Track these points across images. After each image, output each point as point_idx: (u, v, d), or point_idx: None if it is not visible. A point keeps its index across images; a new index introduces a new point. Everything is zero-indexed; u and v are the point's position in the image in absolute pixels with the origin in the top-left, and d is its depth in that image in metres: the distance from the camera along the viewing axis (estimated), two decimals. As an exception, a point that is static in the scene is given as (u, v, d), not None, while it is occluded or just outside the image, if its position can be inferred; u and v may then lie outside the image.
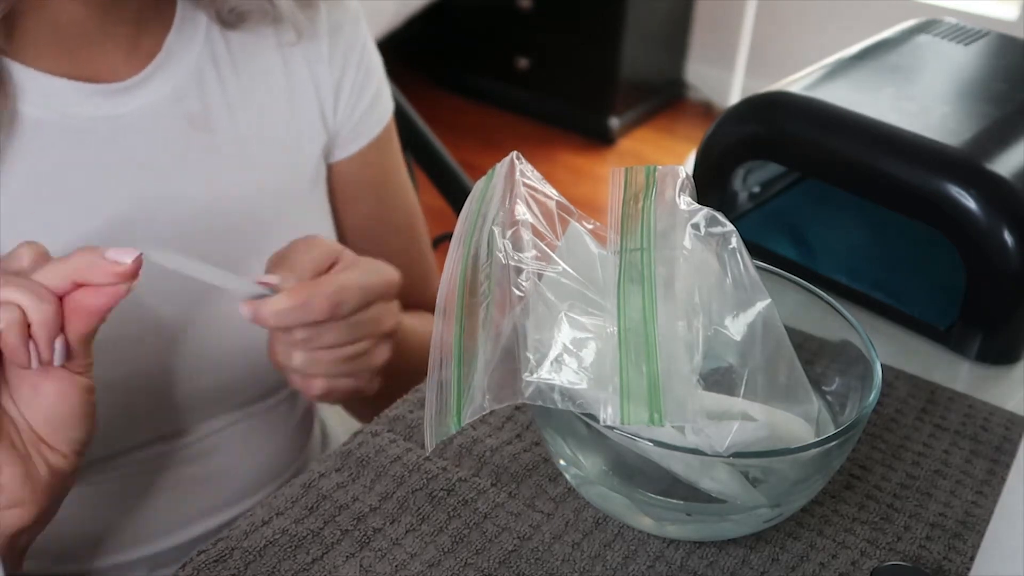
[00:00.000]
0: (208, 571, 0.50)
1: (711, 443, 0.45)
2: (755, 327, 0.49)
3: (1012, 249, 0.66)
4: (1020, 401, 0.67)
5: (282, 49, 0.71)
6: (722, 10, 2.99)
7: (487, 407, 0.44)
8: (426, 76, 3.12)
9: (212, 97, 0.67)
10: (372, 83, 0.77)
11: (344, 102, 0.75)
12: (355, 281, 0.60)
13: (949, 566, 0.53)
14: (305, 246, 0.61)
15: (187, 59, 0.67)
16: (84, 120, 0.62)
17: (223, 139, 0.68)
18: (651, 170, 0.51)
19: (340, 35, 0.74)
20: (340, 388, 0.63)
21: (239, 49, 0.69)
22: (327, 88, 0.73)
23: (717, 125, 0.79)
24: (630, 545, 0.53)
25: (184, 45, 0.67)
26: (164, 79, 0.66)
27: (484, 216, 0.49)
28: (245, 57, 0.69)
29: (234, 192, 0.68)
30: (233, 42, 0.69)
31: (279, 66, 0.71)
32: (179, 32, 0.67)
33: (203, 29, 0.68)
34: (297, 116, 0.72)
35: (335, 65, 0.74)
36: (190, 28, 0.67)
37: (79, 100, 0.62)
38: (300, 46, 0.72)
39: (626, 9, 2.73)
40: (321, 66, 0.73)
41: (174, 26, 0.67)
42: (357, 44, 0.75)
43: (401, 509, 0.54)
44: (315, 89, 0.73)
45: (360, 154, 0.77)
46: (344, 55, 0.74)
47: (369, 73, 0.76)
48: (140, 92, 0.65)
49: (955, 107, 0.77)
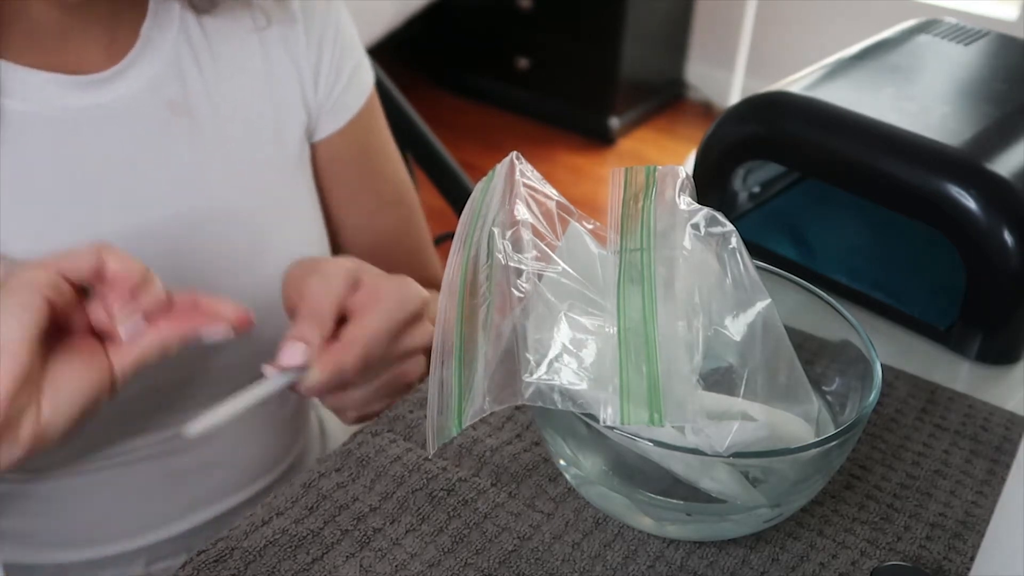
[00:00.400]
0: (208, 571, 0.50)
1: (711, 443, 0.45)
2: (755, 327, 0.49)
3: (1012, 249, 0.66)
4: (1020, 401, 0.67)
5: (259, 32, 0.72)
6: (722, 10, 2.99)
7: (487, 409, 0.44)
8: (426, 76, 3.12)
9: (191, 83, 0.68)
10: (349, 60, 0.77)
11: (324, 81, 0.75)
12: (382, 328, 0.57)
13: (949, 566, 0.53)
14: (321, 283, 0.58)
15: (164, 46, 0.68)
16: (66, 112, 0.63)
17: (204, 124, 0.68)
18: (651, 170, 0.51)
19: (313, 16, 0.75)
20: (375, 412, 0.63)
21: (215, 34, 0.70)
22: (307, 69, 0.74)
23: (717, 125, 0.79)
24: (630, 545, 0.53)
25: (160, 33, 0.68)
26: (142, 67, 0.66)
27: (484, 217, 0.49)
28: (221, 41, 0.70)
29: (218, 176, 0.69)
30: (209, 27, 0.70)
31: (256, 49, 0.72)
32: (154, 20, 0.67)
33: (177, 16, 0.69)
34: (277, 98, 0.73)
35: (311, 45, 0.74)
36: (164, 16, 0.68)
37: (60, 92, 0.63)
38: (277, 29, 0.72)
39: (626, 9, 2.73)
40: (299, 48, 0.74)
41: (148, 14, 0.67)
42: (331, 22, 0.76)
43: (401, 509, 0.54)
44: (295, 70, 0.74)
45: (343, 131, 0.77)
46: (320, 34, 0.75)
47: (345, 50, 0.77)
48: (119, 82, 0.65)
49: (955, 107, 0.77)
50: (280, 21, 0.72)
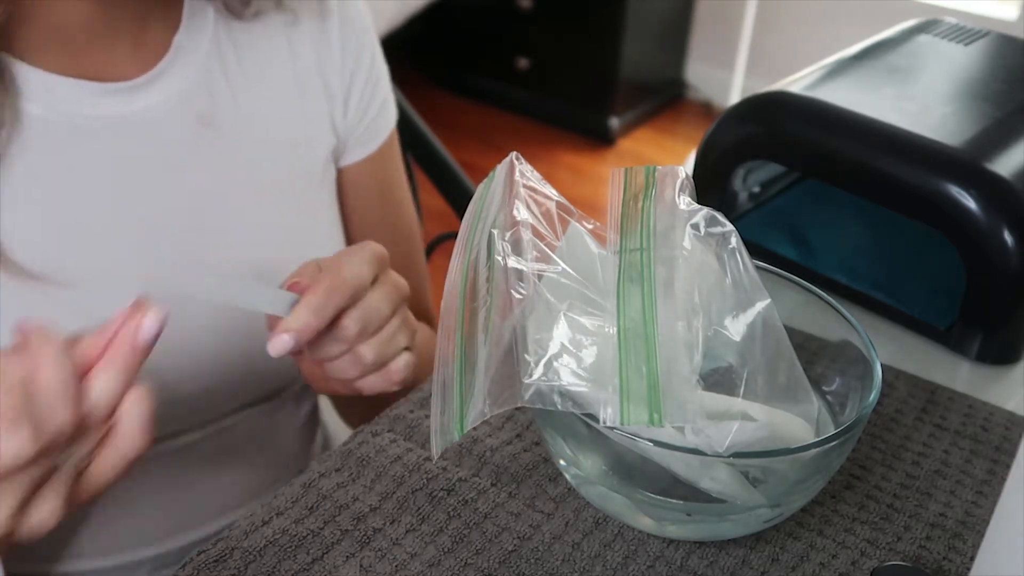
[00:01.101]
0: (208, 571, 0.50)
1: (711, 443, 0.45)
2: (755, 327, 0.49)
3: (1012, 249, 0.66)
4: (1020, 401, 0.67)
5: (292, 50, 0.71)
6: (722, 10, 2.99)
7: (488, 413, 0.44)
8: (426, 76, 3.12)
9: (220, 96, 0.67)
10: (380, 93, 0.78)
11: (354, 109, 0.75)
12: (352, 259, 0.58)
13: (949, 566, 0.53)
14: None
15: (196, 56, 0.66)
16: (90, 119, 0.62)
17: (230, 138, 0.68)
18: (651, 170, 0.51)
19: (349, 44, 0.74)
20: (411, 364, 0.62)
21: (246, 47, 0.69)
22: (338, 95, 0.74)
23: (717, 125, 0.79)
24: (630, 545, 0.53)
25: (193, 43, 0.66)
26: (173, 77, 0.65)
27: (484, 219, 0.49)
28: (252, 55, 0.69)
29: (242, 189, 0.68)
30: (241, 40, 0.69)
31: (288, 67, 0.71)
32: (188, 29, 0.66)
33: (211, 25, 0.67)
34: (306, 115, 0.72)
35: (345, 73, 0.74)
36: (199, 24, 0.67)
37: (85, 99, 0.62)
38: (311, 48, 0.72)
39: (626, 9, 2.73)
40: (332, 72, 0.73)
41: (183, 23, 0.66)
42: (366, 54, 0.76)
43: (401, 509, 0.54)
44: (325, 91, 0.73)
45: (367, 160, 0.78)
46: (355, 63, 0.75)
47: (378, 83, 0.77)
48: (148, 91, 0.64)
49: (955, 107, 0.77)
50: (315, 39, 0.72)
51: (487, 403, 0.44)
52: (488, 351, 0.45)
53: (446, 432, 0.46)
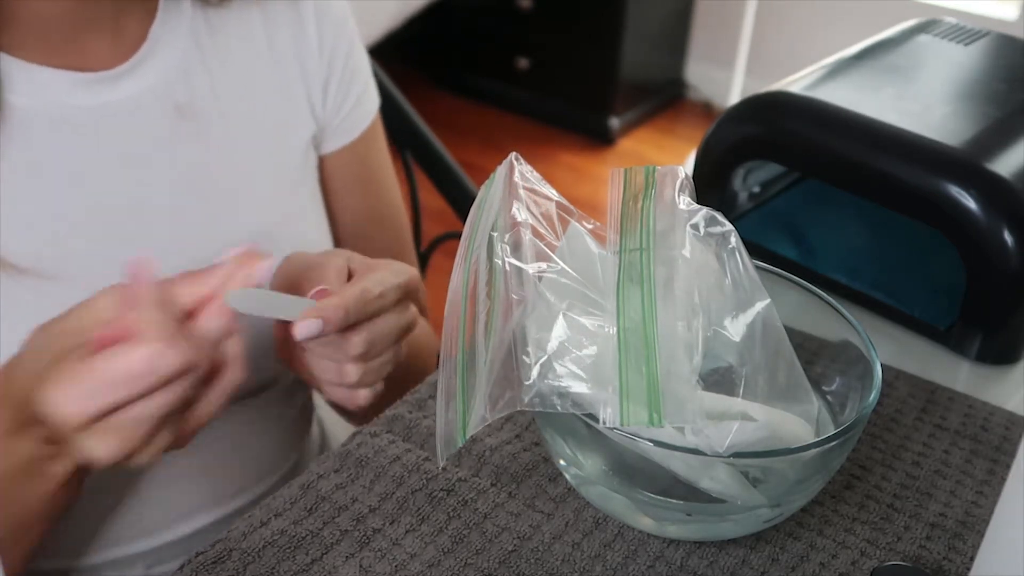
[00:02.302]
0: (207, 572, 0.50)
1: (711, 443, 0.45)
2: (755, 327, 0.49)
3: (1012, 249, 0.66)
4: (1020, 401, 0.67)
5: (268, 35, 0.72)
6: (722, 10, 2.99)
7: (489, 418, 0.44)
8: (426, 76, 3.12)
9: (199, 84, 0.68)
10: (358, 83, 0.78)
11: (331, 98, 0.76)
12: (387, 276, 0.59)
13: (949, 566, 0.53)
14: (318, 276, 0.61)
15: (174, 46, 0.67)
16: (72, 109, 0.63)
17: (210, 126, 0.68)
18: (651, 170, 0.51)
19: (327, 33, 0.75)
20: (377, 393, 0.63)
21: (224, 35, 0.70)
22: (316, 84, 0.75)
23: (717, 125, 0.79)
24: (630, 545, 0.53)
25: (170, 31, 0.67)
26: (152, 66, 0.66)
27: (485, 222, 0.49)
28: (230, 43, 0.70)
29: (222, 179, 0.69)
30: (218, 28, 0.70)
31: (265, 52, 0.72)
32: (164, 19, 0.67)
33: (187, 13, 0.68)
34: (285, 99, 0.73)
35: (323, 62, 0.75)
36: (175, 14, 0.68)
37: (66, 89, 0.63)
38: (288, 34, 0.73)
39: (626, 9, 2.73)
40: (310, 60, 0.74)
41: (159, 13, 0.67)
42: (343, 43, 0.76)
43: (401, 509, 0.54)
44: (303, 76, 0.74)
45: (348, 148, 0.78)
46: (331, 52, 0.75)
47: (356, 73, 0.78)
48: (127, 80, 0.65)
49: (955, 107, 0.77)
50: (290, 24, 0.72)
51: (488, 408, 0.44)
52: (490, 355, 0.45)
53: (450, 440, 0.46)
